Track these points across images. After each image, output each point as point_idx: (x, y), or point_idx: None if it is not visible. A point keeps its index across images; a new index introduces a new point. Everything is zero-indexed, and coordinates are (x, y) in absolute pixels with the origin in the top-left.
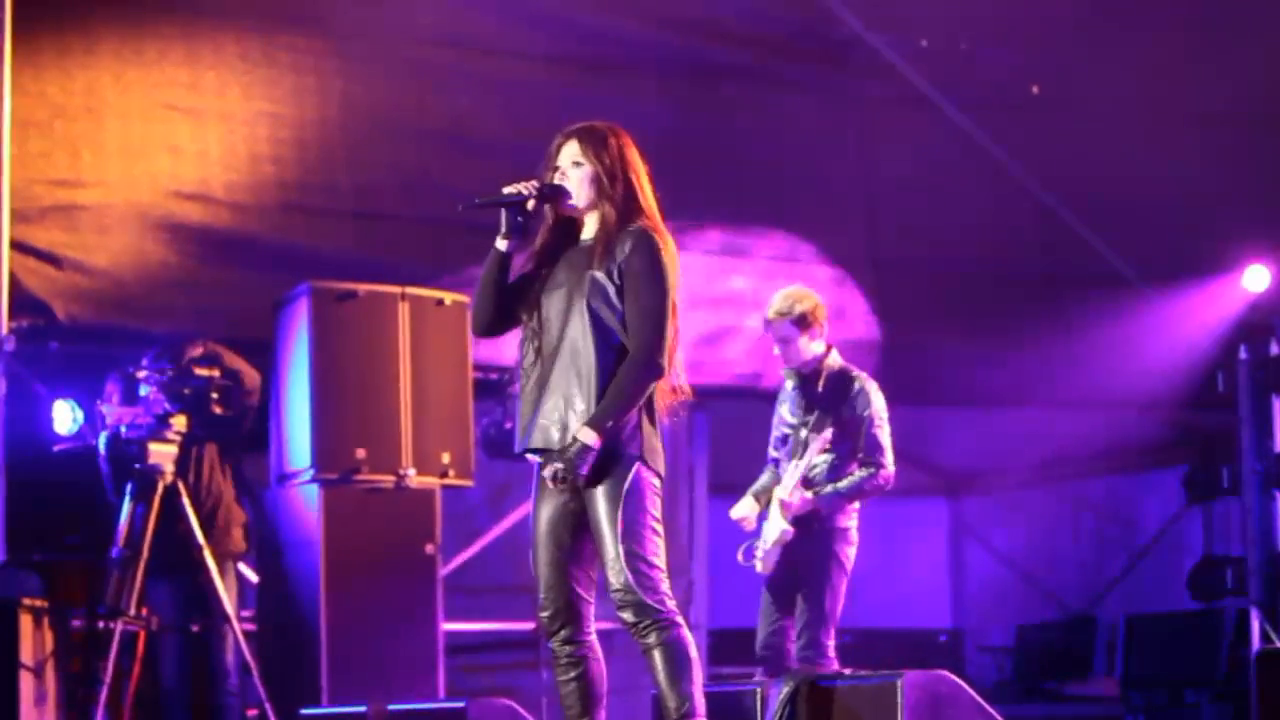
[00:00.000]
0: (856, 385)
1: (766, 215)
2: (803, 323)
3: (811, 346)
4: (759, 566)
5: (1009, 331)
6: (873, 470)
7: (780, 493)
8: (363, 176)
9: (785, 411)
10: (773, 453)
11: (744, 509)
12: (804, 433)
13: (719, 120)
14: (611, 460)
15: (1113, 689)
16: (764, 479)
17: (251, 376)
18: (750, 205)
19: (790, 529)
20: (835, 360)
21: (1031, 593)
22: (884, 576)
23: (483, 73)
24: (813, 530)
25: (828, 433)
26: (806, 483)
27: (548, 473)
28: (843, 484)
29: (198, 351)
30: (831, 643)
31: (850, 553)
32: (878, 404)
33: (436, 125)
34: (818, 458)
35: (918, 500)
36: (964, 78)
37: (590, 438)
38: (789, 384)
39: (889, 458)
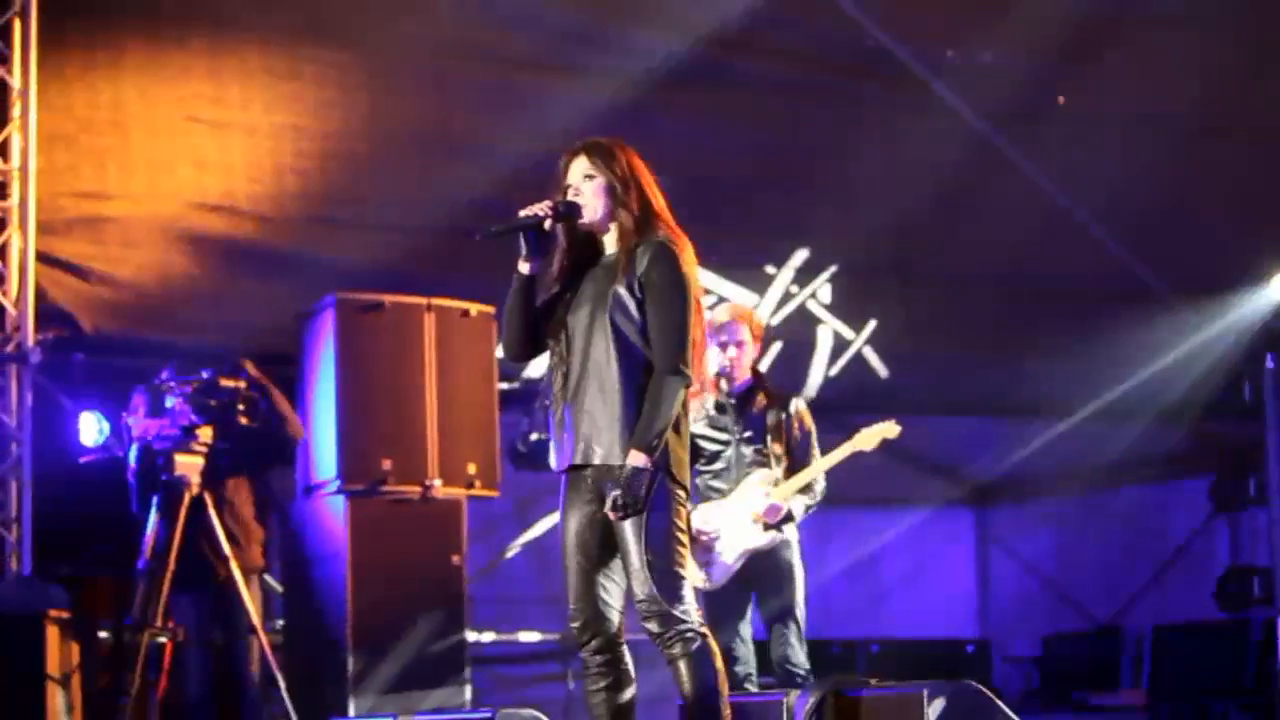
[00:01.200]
0: (794, 402)
1: (790, 228)
2: (754, 333)
3: (751, 360)
4: (698, 579)
5: (1035, 342)
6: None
7: (757, 501)
8: (387, 188)
9: (704, 427)
10: None
11: (713, 518)
12: (748, 447)
13: (745, 132)
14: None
15: (1140, 699)
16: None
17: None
18: (773, 217)
19: (780, 535)
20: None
21: (1058, 603)
22: (911, 587)
23: (506, 85)
24: (775, 539)
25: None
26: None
27: (608, 508)
28: (817, 495)
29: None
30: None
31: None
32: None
33: (460, 137)
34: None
35: (944, 511)
36: (989, 88)
37: (641, 460)
38: (708, 399)
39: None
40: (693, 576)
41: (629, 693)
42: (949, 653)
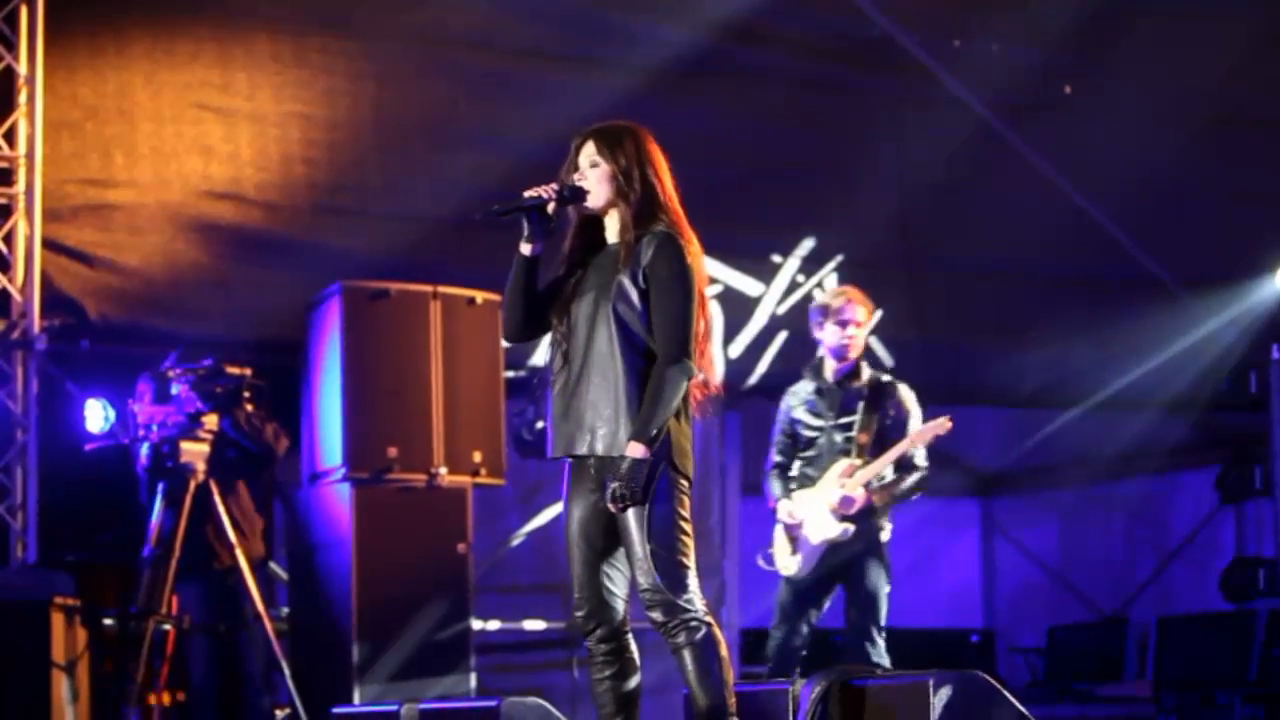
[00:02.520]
0: (899, 389)
1: (797, 216)
2: (868, 315)
3: (864, 340)
4: (790, 569)
5: (1041, 332)
6: (923, 472)
7: (832, 492)
8: (394, 177)
9: (804, 413)
10: (778, 457)
11: (799, 507)
12: (840, 434)
13: (752, 121)
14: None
15: (1145, 690)
16: (780, 483)
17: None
18: (781, 206)
19: (852, 527)
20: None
21: (1063, 593)
22: (916, 576)
23: (514, 74)
24: (860, 528)
25: (871, 431)
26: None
27: (608, 500)
28: (905, 484)
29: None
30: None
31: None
32: (917, 409)
33: (467, 126)
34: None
35: (950, 500)
36: (996, 78)
37: (639, 452)
38: (808, 385)
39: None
40: (782, 565)
41: (634, 681)
42: (954, 643)
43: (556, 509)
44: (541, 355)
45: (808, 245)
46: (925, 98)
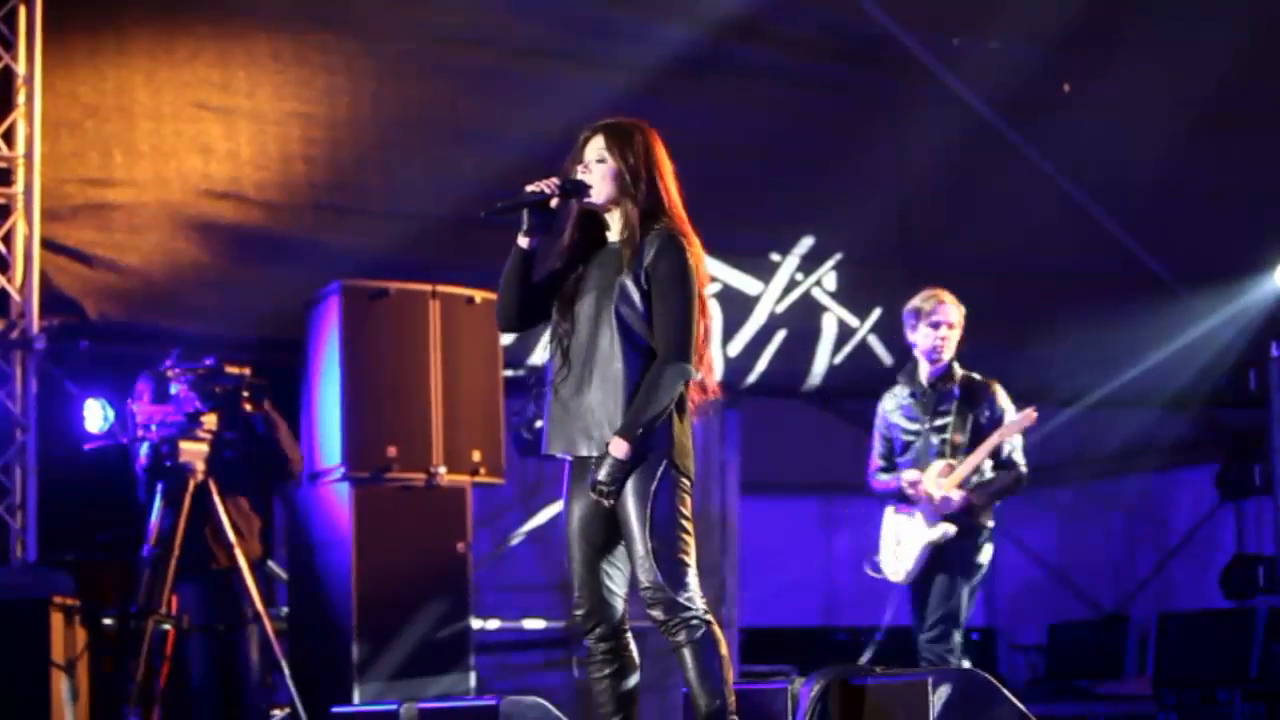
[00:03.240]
0: (992, 387)
1: (796, 215)
2: (960, 317)
3: (956, 342)
4: (898, 574)
5: (1040, 330)
6: (1022, 470)
7: (936, 491)
8: (394, 176)
9: (900, 417)
10: (881, 461)
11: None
12: (935, 436)
13: (751, 119)
14: (641, 460)
15: (1145, 688)
16: (889, 475)
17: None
18: (779, 205)
19: (953, 528)
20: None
21: (1063, 591)
22: None
23: (514, 72)
24: (961, 528)
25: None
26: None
27: (592, 492)
28: (1003, 483)
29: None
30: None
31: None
32: (1011, 406)
33: (467, 124)
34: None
35: None
36: (996, 76)
37: (621, 450)
38: (904, 388)
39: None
40: (889, 570)
41: (633, 680)
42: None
43: (556, 508)
44: (540, 354)
45: (806, 244)
46: (925, 96)
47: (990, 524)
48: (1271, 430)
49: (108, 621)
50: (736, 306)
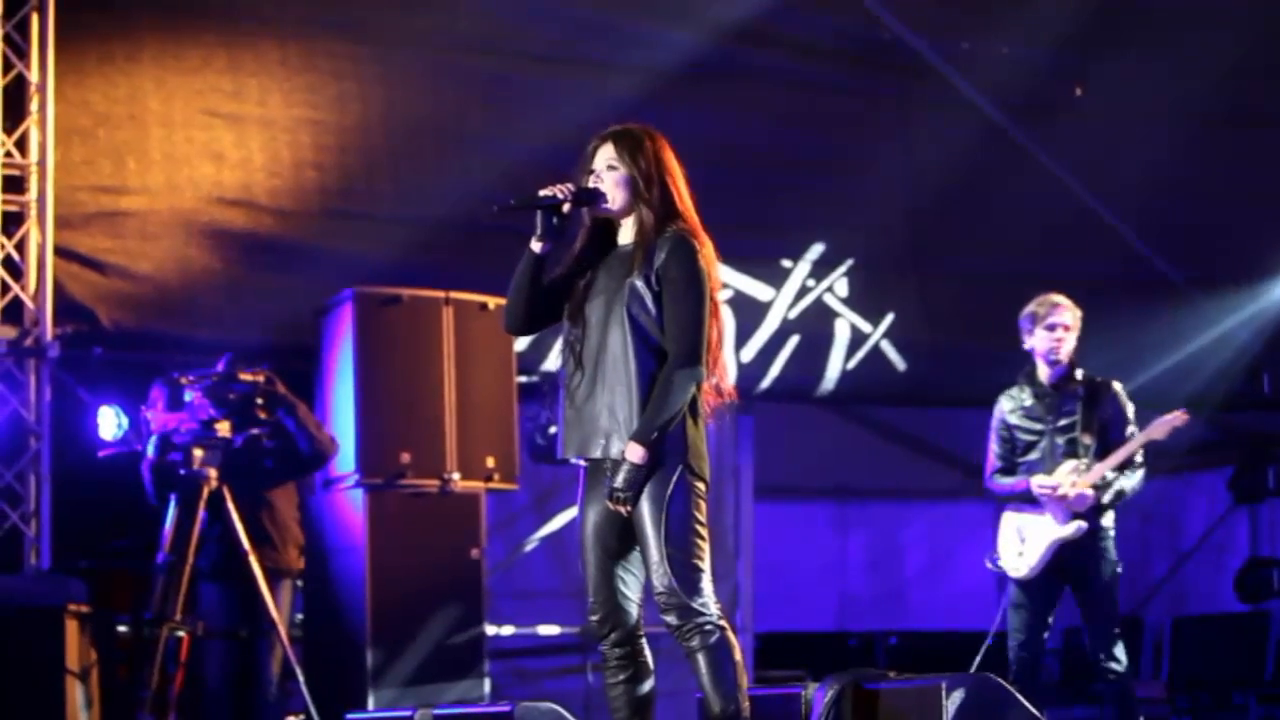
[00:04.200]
0: (1114, 386)
1: (806, 220)
2: (1076, 319)
3: (1073, 345)
4: (1020, 570)
5: None
6: (1144, 469)
7: (1071, 490)
8: (405, 182)
9: (1021, 418)
10: (999, 461)
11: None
12: (1061, 436)
13: (762, 125)
14: (656, 464)
15: (1159, 691)
16: (1009, 478)
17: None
18: (790, 210)
19: (1085, 524)
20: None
21: None
22: (930, 579)
23: (524, 79)
24: (1089, 526)
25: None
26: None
27: (609, 500)
28: (1129, 482)
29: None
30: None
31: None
32: (1130, 405)
33: (478, 130)
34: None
35: (963, 502)
36: (1006, 80)
37: (637, 455)
38: (1024, 390)
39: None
40: (1011, 566)
41: (648, 685)
42: (969, 645)
43: (570, 514)
44: (554, 361)
45: (817, 249)
46: (935, 100)
47: (1113, 525)
48: None
49: (122, 629)
50: (748, 313)
